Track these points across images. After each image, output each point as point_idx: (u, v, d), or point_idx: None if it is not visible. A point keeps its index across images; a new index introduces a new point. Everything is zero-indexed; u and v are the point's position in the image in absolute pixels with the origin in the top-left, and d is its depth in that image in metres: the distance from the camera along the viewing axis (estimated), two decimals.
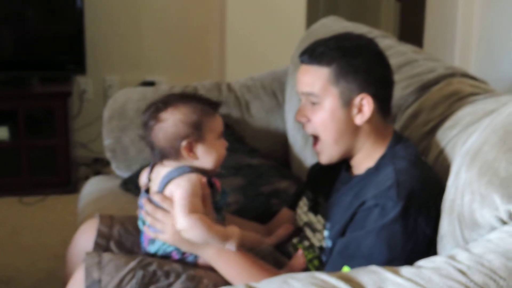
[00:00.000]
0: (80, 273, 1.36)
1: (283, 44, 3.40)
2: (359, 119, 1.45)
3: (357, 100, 1.44)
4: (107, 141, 2.24)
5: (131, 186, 2.07)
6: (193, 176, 1.38)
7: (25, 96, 3.46)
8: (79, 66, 3.55)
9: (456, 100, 1.61)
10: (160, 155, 1.41)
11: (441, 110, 1.62)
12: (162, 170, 1.43)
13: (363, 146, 1.49)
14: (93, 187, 2.24)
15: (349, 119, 1.45)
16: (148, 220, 1.41)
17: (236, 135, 2.16)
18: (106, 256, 1.38)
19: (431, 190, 1.36)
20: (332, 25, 2.35)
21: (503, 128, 1.21)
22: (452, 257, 1.07)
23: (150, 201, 1.42)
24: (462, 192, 1.19)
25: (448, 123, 1.55)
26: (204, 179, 1.41)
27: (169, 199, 1.39)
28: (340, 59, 1.43)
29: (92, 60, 3.80)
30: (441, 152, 1.51)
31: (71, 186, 3.43)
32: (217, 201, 1.46)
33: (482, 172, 1.16)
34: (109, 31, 3.88)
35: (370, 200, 1.36)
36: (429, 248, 1.31)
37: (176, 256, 1.42)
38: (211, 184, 1.44)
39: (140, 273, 1.34)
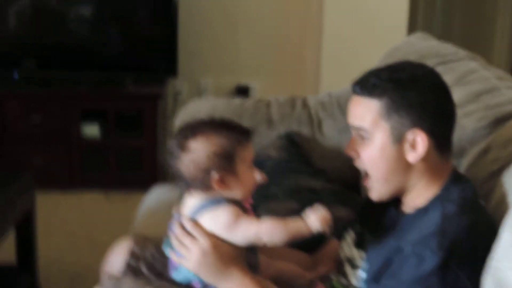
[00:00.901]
0: None
1: (380, 56, 3.27)
2: (412, 157, 1.33)
3: (409, 136, 1.32)
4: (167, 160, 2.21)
5: None
6: (231, 208, 1.32)
7: (116, 97, 3.53)
8: (171, 68, 3.58)
9: None
10: (188, 185, 1.35)
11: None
12: (191, 200, 1.37)
13: (416, 184, 1.37)
14: (153, 197, 2.22)
15: (401, 156, 1.33)
16: (175, 244, 1.36)
17: (303, 155, 2.07)
18: (123, 281, 1.34)
19: (482, 241, 1.23)
20: (417, 43, 2.21)
21: None
22: None
23: (182, 225, 1.36)
24: (505, 255, 1.05)
25: None
26: (237, 206, 1.34)
27: (200, 227, 1.33)
28: (392, 92, 1.32)
29: (187, 63, 3.84)
30: (503, 197, 1.36)
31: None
32: None
33: None
34: (205, 34, 3.90)
35: (408, 246, 1.24)
36: None
37: (197, 285, 1.36)
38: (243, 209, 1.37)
39: None
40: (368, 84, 1.34)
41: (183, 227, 1.36)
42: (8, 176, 2.40)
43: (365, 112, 1.34)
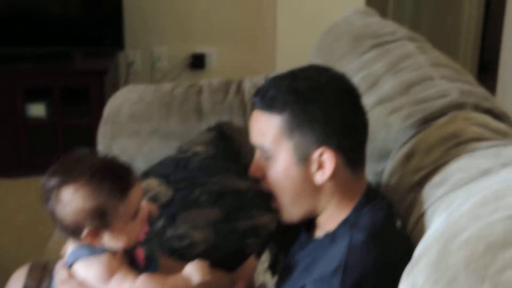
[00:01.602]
0: None
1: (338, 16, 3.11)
2: (320, 177, 1.19)
3: (315, 155, 1.17)
4: (99, 147, 2.07)
5: None
6: (105, 258, 1.17)
7: (61, 73, 3.37)
8: (118, 40, 3.41)
9: (454, 146, 1.31)
10: (61, 231, 1.20)
11: (435, 156, 1.32)
12: (69, 245, 1.22)
13: (327, 206, 1.23)
14: None
15: (307, 177, 1.19)
16: None
17: (232, 149, 1.93)
18: None
19: (393, 275, 1.10)
20: (355, 21, 2.05)
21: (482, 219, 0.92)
22: None
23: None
24: None
25: (436, 178, 1.26)
26: (118, 255, 1.19)
27: (75, 279, 1.19)
28: (293, 105, 1.17)
29: (140, 31, 3.67)
30: (422, 216, 1.23)
31: None
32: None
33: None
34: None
35: (309, 285, 1.11)
36: None
37: None
38: (131, 258, 1.23)
39: None
40: (267, 97, 1.19)
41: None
42: None
43: (266, 129, 1.20)
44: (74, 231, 1.16)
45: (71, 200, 1.13)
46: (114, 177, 1.15)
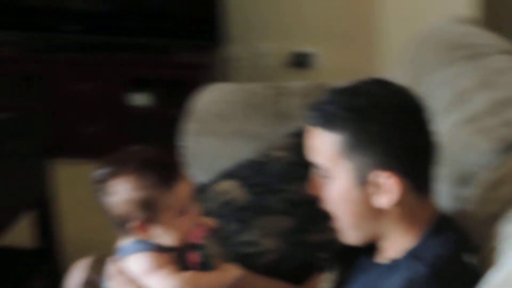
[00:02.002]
0: None
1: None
2: (380, 201, 1.12)
3: (375, 177, 1.10)
4: (183, 143, 2.08)
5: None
6: (152, 255, 1.18)
7: (163, 64, 3.43)
8: (220, 36, 3.42)
9: None
10: (113, 224, 1.21)
11: None
12: (122, 239, 1.23)
13: (392, 232, 1.16)
14: None
15: (369, 201, 1.13)
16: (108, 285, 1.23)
17: None
18: None
19: None
20: (448, 29, 1.93)
21: None
22: None
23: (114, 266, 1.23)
24: None
25: None
26: (167, 255, 1.19)
27: (125, 274, 1.19)
28: (354, 124, 1.10)
29: (244, 27, 3.67)
30: (492, 252, 1.13)
31: None
32: None
33: None
34: None
35: None
36: None
37: None
38: (184, 261, 1.21)
39: None
40: (325, 113, 1.13)
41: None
42: (29, 148, 2.35)
43: (322, 147, 1.14)
44: (122, 223, 1.17)
45: (119, 192, 1.15)
46: (160, 170, 1.16)
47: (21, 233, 2.48)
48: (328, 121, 1.12)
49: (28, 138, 3.48)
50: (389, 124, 1.09)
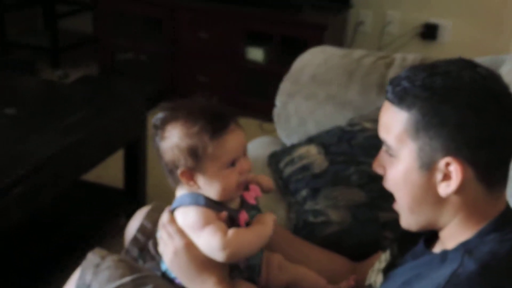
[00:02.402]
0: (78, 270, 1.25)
1: None
2: (444, 190, 1.02)
3: (441, 163, 1.01)
4: (276, 103, 2.03)
5: (273, 161, 1.85)
6: (202, 209, 1.16)
7: (284, 21, 3.36)
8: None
9: None
10: (165, 172, 1.19)
11: None
12: (178, 190, 1.21)
13: (450, 222, 1.07)
14: (252, 147, 2.08)
15: (430, 186, 1.03)
16: (159, 234, 1.22)
17: None
18: (106, 262, 1.24)
19: None
20: None
21: None
22: None
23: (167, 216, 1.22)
24: None
25: None
26: (223, 215, 1.16)
27: (175, 224, 1.18)
28: (424, 103, 1.01)
29: None
30: None
31: None
32: None
33: None
34: None
35: None
36: None
37: (179, 283, 1.22)
38: (233, 221, 1.18)
39: None
40: (398, 89, 1.04)
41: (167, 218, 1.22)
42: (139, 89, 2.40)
43: (391, 124, 1.05)
44: (171, 170, 1.16)
45: (170, 137, 1.14)
46: (210, 119, 1.13)
47: (113, 172, 2.58)
48: (399, 97, 1.03)
49: (142, 80, 3.59)
50: (465, 108, 0.98)
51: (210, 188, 1.15)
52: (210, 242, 1.14)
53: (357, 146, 1.73)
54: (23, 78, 2.58)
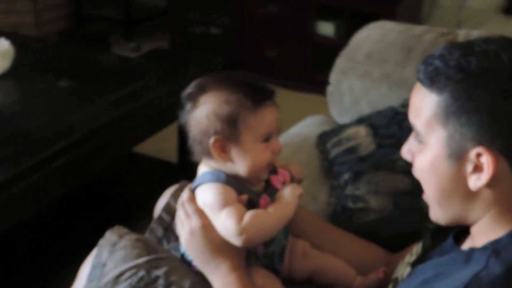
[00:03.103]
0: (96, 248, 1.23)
1: None
2: (474, 183, 0.93)
3: (472, 154, 0.91)
4: (330, 80, 1.95)
5: (321, 142, 1.77)
6: (223, 188, 1.10)
7: None
8: None
9: None
10: (192, 146, 1.13)
11: None
12: (200, 167, 1.16)
13: (481, 218, 0.97)
14: (304, 125, 2.00)
15: (460, 177, 0.94)
16: (177, 213, 1.18)
17: None
18: (123, 241, 1.21)
19: None
20: None
21: None
22: None
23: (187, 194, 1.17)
24: None
25: None
26: (243, 198, 1.10)
27: (194, 203, 1.13)
28: (456, 86, 0.90)
29: None
30: None
31: None
32: None
33: None
34: None
35: None
36: None
37: (196, 266, 1.17)
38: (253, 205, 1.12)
39: (140, 274, 1.14)
40: (430, 69, 0.94)
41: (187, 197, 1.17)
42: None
43: (420, 108, 0.96)
44: (201, 141, 1.11)
45: (206, 103, 1.10)
46: (249, 90, 1.10)
47: (167, 147, 2.56)
48: (429, 78, 0.93)
49: (213, 53, 3.56)
50: (501, 94, 0.88)
51: (241, 162, 1.10)
52: (226, 225, 1.08)
53: (407, 129, 1.61)
54: (85, 51, 2.59)
